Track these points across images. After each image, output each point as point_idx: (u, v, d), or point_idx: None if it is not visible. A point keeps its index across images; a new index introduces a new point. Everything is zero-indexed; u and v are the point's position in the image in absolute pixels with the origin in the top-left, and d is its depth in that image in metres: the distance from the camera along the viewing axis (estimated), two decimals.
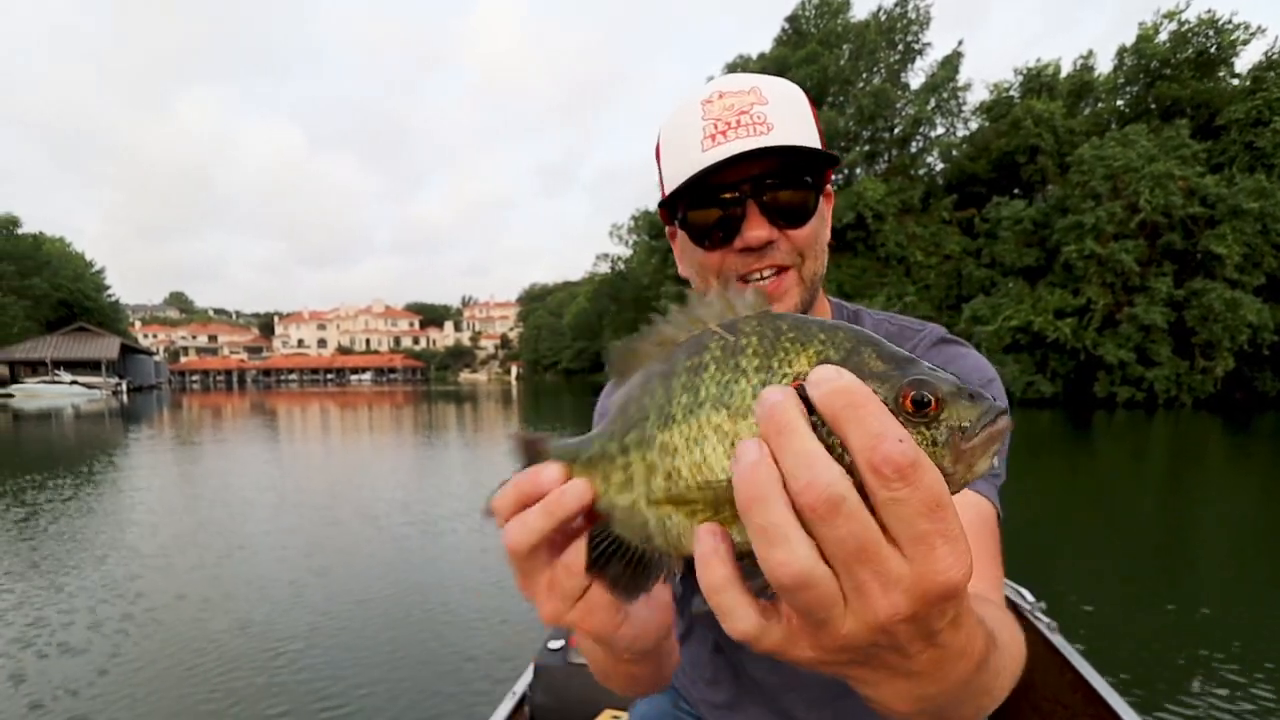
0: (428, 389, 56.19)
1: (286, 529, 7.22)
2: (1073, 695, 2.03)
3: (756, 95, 0.82)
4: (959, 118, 33.57)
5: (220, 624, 4.50)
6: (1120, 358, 22.36)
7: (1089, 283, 23.03)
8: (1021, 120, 27.76)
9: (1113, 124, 27.39)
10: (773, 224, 0.83)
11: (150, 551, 6.24)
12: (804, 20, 39.03)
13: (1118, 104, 29.29)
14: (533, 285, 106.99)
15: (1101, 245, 22.60)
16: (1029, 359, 24.25)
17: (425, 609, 4.78)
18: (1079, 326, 23.09)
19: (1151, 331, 22.25)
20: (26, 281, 52.44)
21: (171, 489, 10.04)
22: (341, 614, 4.71)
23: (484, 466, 11.85)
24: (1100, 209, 22.72)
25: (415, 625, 4.50)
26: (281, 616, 4.66)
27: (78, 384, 46.52)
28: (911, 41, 34.69)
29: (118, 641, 4.23)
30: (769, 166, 0.82)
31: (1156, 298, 22.18)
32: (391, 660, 3.99)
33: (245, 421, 24.18)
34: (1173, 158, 22.64)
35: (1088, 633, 4.14)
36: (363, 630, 4.42)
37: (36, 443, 17.72)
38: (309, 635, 4.34)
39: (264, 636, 4.30)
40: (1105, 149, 23.54)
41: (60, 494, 9.05)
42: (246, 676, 3.77)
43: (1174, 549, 6.47)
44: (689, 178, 0.82)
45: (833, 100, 34.64)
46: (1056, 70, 30.97)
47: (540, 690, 2.26)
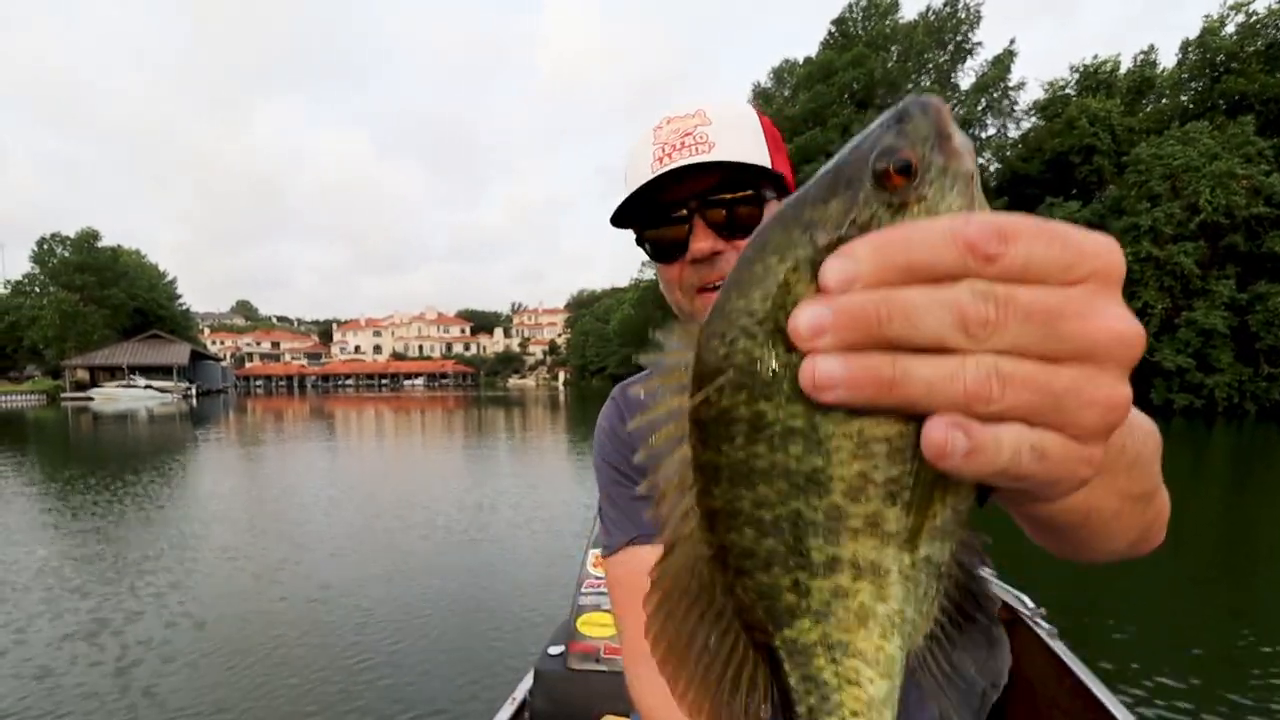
0: (478, 394, 57.45)
1: (297, 532, 7.69)
2: (1072, 701, 2.03)
3: (701, 118, 0.87)
4: (1011, 118, 32.86)
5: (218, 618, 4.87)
6: (1179, 364, 21.55)
7: (1145, 286, 22.26)
8: (1076, 119, 26.98)
9: (1175, 121, 26.38)
10: (719, 235, 0.86)
11: (218, 541, 6.78)
12: (851, 23, 38.74)
13: (1181, 100, 28.17)
14: (580, 291, 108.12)
15: (1159, 247, 21.85)
16: None
17: (427, 613, 4.81)
18: None
19: (1212, 337, 21.38)
20: (105, 292, 55.68)
21: (238, 486, 10.72)
22: (343, 616, 4.78)
23: (507, 472, 12.24)
24: (1158, 210, 21.98)
25: (417, 630, 4.51)
26: (279, 618, 4.75)
27: (151, 388, 49.13)
28: (961, 41, 34.13)
29: (188, 614, 4.70)
30: (711, 182, 0.86)
31: (1217, 301, 21.34)
32: (393, 664, 4.01)
33: (305, 425, 25.28)
34: (1236, 156, 21.73)
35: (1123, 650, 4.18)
36: (364, 634, 4.45)
37: (116, 442, 18.94)
38: (308, 637, 4.40)
39: (262, 638, 4.40)
40: (1164, 148, 22.76)
41: (138, 487, 9.78)
42: (247, 674, 3.90)
43: (1233, 564, 6.29)
44: (633, 193, 0.89)
45: (880, 103, 34.31)
46: (1115, 66, 29.97)
47: (540, 695, 2.27)
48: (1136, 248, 22.20)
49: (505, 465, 13.08)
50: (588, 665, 2.29)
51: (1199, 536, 6.86)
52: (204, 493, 9.82)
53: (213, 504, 8.79)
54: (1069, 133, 27.32)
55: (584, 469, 12.29)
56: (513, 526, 7.37)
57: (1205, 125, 23.20)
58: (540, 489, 9.93)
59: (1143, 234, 22.23)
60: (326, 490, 9.91)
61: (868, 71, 34.00)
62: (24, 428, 24.40)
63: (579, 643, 2.32)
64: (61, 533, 7.07)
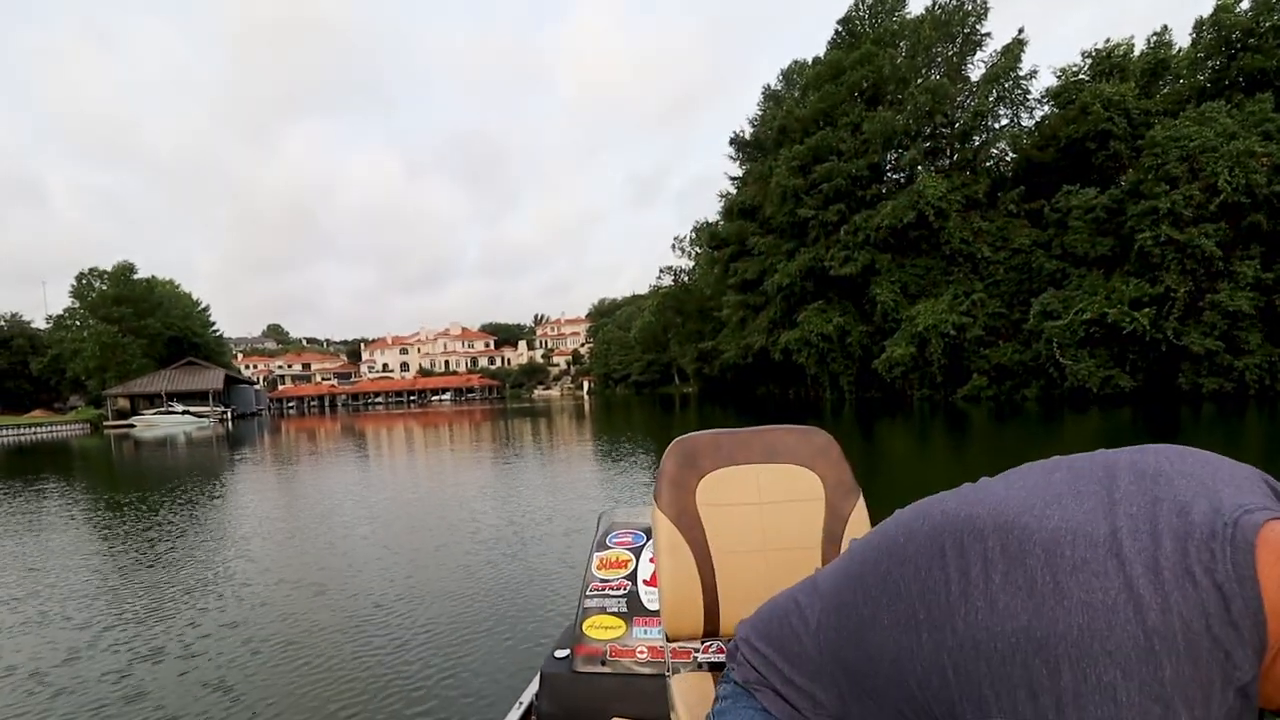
0: (504, 406, 58.04)
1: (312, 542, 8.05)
2: None
3: None
4: (1024, 107, 32.59)
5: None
6: (1207, 346, 21.25)
7: (1167, 270, 22.02)
8: (1089, 105, 26.73)
9: (1192, 102, 25.99)
10: None
11: (260, 553, 7.17)
12: (858, 21, 38.77)
13: (1198, 80, 27.71)
14: (602, 300, 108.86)
15: (1179, 230, 21.59)
16: (1105, 353, 23.29)
17: (432, 616, 4.84)
18: (1158, 316, 22.07)
19: (1239, 318, 21.06)
20: (142, 322, 57.47)
21: (276, 502, 11.17)
22: (343, 619, 4.86)
23: (527, 478, 12.53)
24: (1176, 193, 21.72)
25: (423, 632, 4.54)
26: (287, 618, 4.93)
27: (189, 413, 50.55)
28: (970, 33, 33.95)
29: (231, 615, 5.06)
30: None
31: (1242, 282, 21.01)
32: (398, 667, 4.03)
33: (338, 443, 25.91)
34: (1255, 134, 21.43)
35: None
36: (366, 637, 4.51)
37: (158, 466, 19.67)
38: (308, 641, 4.50)
39: (262, 640, 4.55)
40: (1180, 129, 22.49)
41: (184, 507, 10.27)
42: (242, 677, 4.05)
43: None
44: None
45: (891, 99, 34.27)
46: (1129, 49, 29.60)
47: (547, 699, 2.27)
48: (1156, 232, 21.97)
49: (524, 470, 13.39)
50: (594, 668, 2.32)
51: None
52: (244, 509, 10.28)
53: (250, 519, 9.23)
54: (1083, 119, 27.04)
55: (599, 472, 12.57)
56: (523, 528, 7.56)
57: (1222, 104, 22.90)
58: (557, 493, 10.20)
59: (1162, 218, 21.98)
60: (340, 501, 10.31)
61: (876, 69, 33.99)
62: (70, 456, 25.37)
63: (585, 645, 2.34)
64: (113, 551, 7.52)
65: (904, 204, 29.26)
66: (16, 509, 11.23)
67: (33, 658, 4.52)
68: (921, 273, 30.40)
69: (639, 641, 2.36)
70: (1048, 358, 24.86)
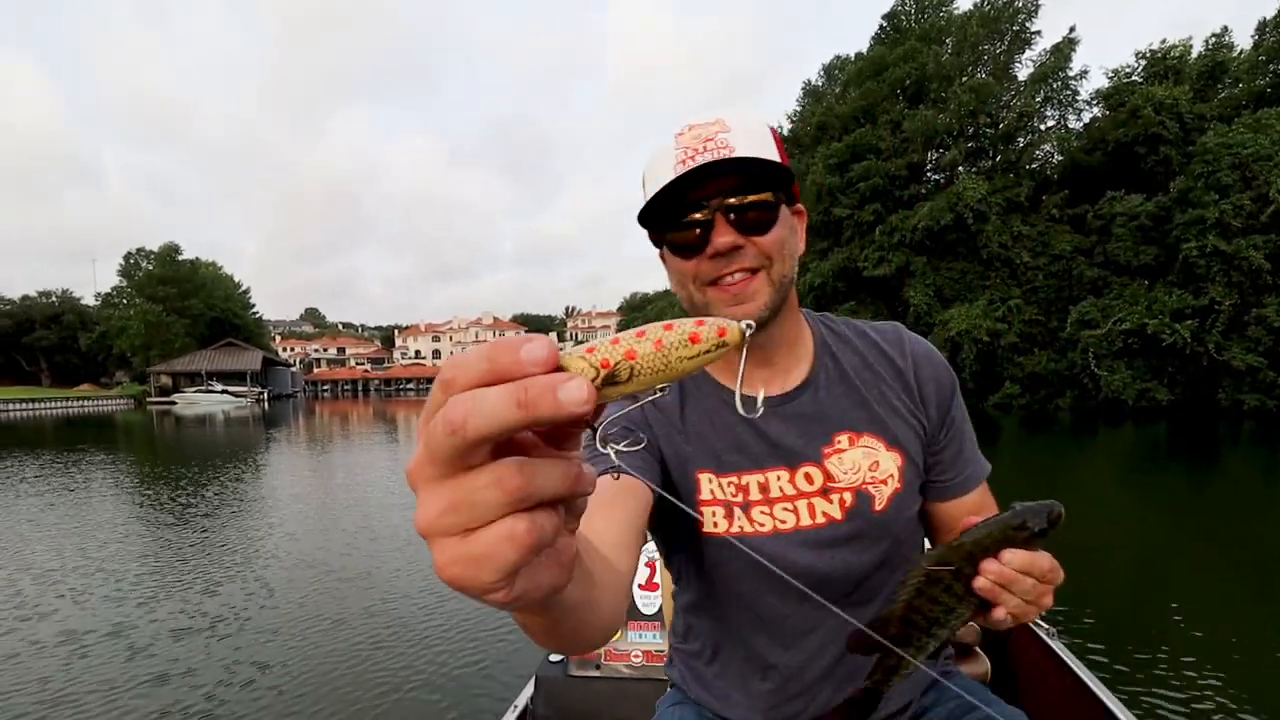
0: None
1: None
2: (1072, 701, 2.02)
3: (721, 125, 0.93)
4: (1072, 108, 31.69)
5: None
6: (1249, 362, 20.55)
7: (1213, 282, 21.29)
8: (1140, 108, 25.86)
9: (1249, 107, 24.99)
10: (739, 231, 0.92)
11: (286, 534, 7.40)
12: (904, 16, 38.01)
13: (1259, 84, 26.61)
14: (633, 295, 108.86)
15: (1227, 241, 20.87)
16: (1142, 365, 22.66)
17: (425, 620, 4.82)
18: (1201, 329, 21.38)
19: None
20: (186, 302, 59.25)
21: (309, 482, 11.49)
22: (345, 621, 4.84)
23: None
24: (1225, 202, 20.99)
25: (416, 637, 4.52)
26: (266, 622, 4.85)
27: (227, 393, 52.04)
28: (1019, 31, 33.10)
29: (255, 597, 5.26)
30: (732, 182, 0.92)
31: None
32: (391, 672, 4.02)
33: (370, 427, 26.46)
34: None
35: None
36: (363, 641, 4.48)
37: (197, 443, 20.32)
38: (303, 645, 4.46)
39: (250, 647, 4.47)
40: (1234, 136, 21.71)
41: (223, 483, 10.63)
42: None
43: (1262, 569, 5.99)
44: (659, 191, 0.92)
45: (934, 97, 33.55)
46: (1186, 51, 28.53)
47: (542, 703, 2.27)
48: (1202, 242, 21.26)
49: None
50: (589, 672, 2.34)
51: (1241, 544, 6.73)
52: (276, 489, 10.59)
53: (281, 498, 9.50)
54: (1133, 122, 26.17)
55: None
56: None
57: (1277, 111, 22.04)
58: None
59: (1209, 227, 21.27)
60: (348, 496, 10.53)
61: (920, 65, 33.32)
62: (114, 430, 26.32)
63: None
64: (156, 522, 7.84)
65: (942, 205, 28.69)
66: (68, 482, 11.73)
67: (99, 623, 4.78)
68: (957, 276, 29.81)
69: (634, 646, 2.41)
70: (1083, 367, 24.26)
